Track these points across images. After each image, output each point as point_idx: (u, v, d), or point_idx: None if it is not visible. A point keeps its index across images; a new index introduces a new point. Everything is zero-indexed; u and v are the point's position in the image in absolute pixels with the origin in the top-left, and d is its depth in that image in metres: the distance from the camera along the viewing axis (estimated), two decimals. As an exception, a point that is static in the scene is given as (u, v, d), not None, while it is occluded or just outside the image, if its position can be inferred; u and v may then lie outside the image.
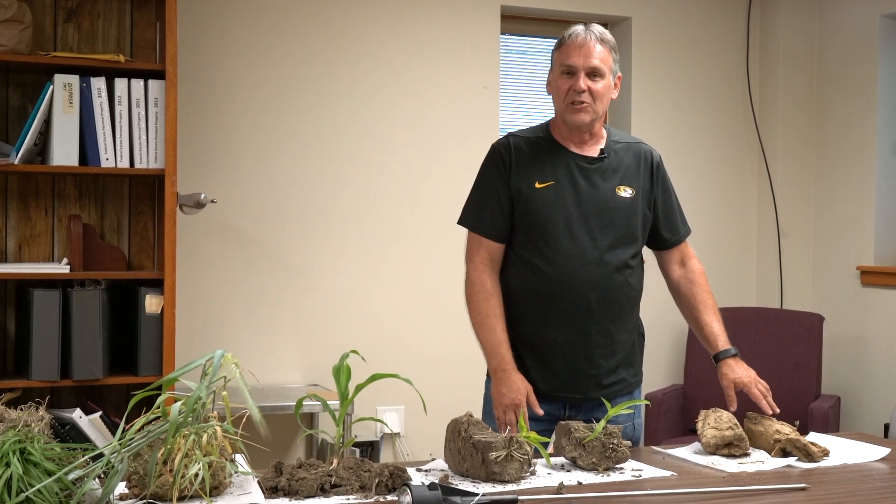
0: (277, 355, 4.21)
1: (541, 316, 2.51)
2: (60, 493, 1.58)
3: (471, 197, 2.61)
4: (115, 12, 3.73)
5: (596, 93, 2.52)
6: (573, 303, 2.48)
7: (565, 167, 2.53)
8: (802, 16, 4.93)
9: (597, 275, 2.49)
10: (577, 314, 2.48)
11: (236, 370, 1.76)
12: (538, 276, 2.50)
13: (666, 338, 4.91)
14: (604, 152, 2.57)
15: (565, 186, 2.51)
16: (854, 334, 4.74)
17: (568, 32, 2.58)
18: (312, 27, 4.23)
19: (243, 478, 1.82)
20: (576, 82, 2.50)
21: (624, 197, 2.54)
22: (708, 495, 1.90)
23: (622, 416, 2.53)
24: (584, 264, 2.48)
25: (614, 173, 2.56)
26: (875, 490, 1.98)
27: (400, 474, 1.86)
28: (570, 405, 2.54)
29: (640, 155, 2.63)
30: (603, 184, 2.53)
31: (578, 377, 2.51)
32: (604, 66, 2.53)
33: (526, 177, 2.52)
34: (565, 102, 2.52)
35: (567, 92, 2.51)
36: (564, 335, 2.50)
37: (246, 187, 4.13)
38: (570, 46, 2.54)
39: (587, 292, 2.48)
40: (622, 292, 2.54)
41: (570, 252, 2.48)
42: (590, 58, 2.51)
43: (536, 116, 4.88)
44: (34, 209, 3.66)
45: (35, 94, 3.55)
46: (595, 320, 2.50)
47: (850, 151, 4.78)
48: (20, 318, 3.57)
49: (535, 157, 2.55)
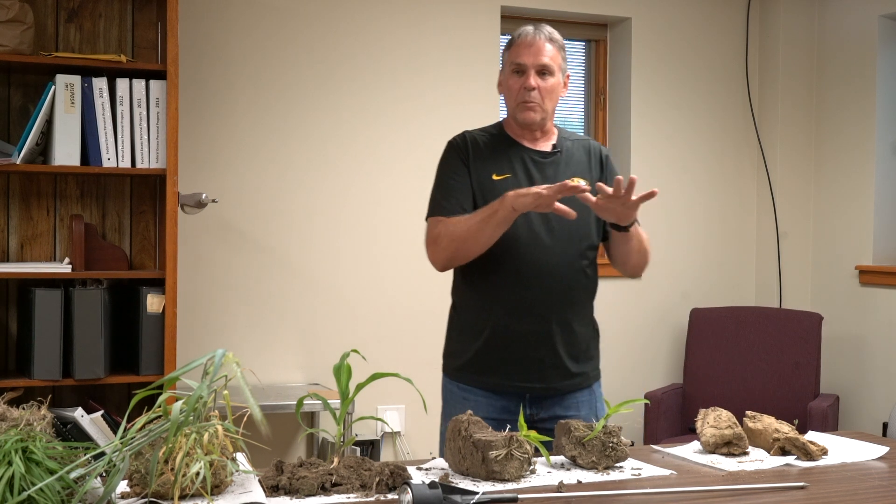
0: (278, 354, 4.21)
1: (502, 307, 2.54)
2: (62, 491, 1.59)
3: (435, 189, 2.63)
4: (116, 12, 3.74)
5: (545, 91, 2.57)
6: (533, 293, 2.52)
7: (520, 161, 2.59)
8: (802, 16, 4.93)
9: (555, 265, 2.53)
10: (537, 305, 2.52)
11: (237, 369, 1.76)
12: (498, 268, 2.53)
13: (666, 338, 4.91)
14: (556, 147, 2.63)
15: (521, 179, 2.56)
16: (853, 334, 4.75)
17: (517, 32, 2.62)
18: (313, 28, 4.24)
19: (244, 476, 1.83)
20: (526, 80, 2.56)
21: None
22: (707, 494, 1.90)
23: (583, 410, 2.58)
24: (541, 255, 2.52)
25: (567, 167, 2.61)
26: (874, 489, 1.99)
27: (400, 473, 1.87)
28: (531, 399, 2.56)
29: (590, 149, 2.69)
30: (557, 176, 2.57)
31: (539, 368, 2.54)
32: (553, 64, 2.57)
33: (483, 169, 2.57)
34: (516, 101, 2.58)
35: (518, 90, 2.57)
36: (526, 326, 2.53)
37: (247, 187, 4.14)
38: (520, 45, 2.59)
39: (546, 282, 2.52)
40: (580, 283, 2.58)
41: (528, 243, 2.52)
42: (539, 56, 2.56)
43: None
44: (36, 209, 3.66)
45: (37, 95, 3.56)
46: (555, 311, 2.54)
47: (850, 151, 4.78)
48: (22, 317, 3.58)
49: (491, 151, 2.60)
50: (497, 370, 2.55)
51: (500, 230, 2.45)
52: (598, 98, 4.94)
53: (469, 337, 2.60)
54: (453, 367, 2.64)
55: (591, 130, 4.96)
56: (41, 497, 1.55)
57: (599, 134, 4.95)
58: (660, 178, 4.88)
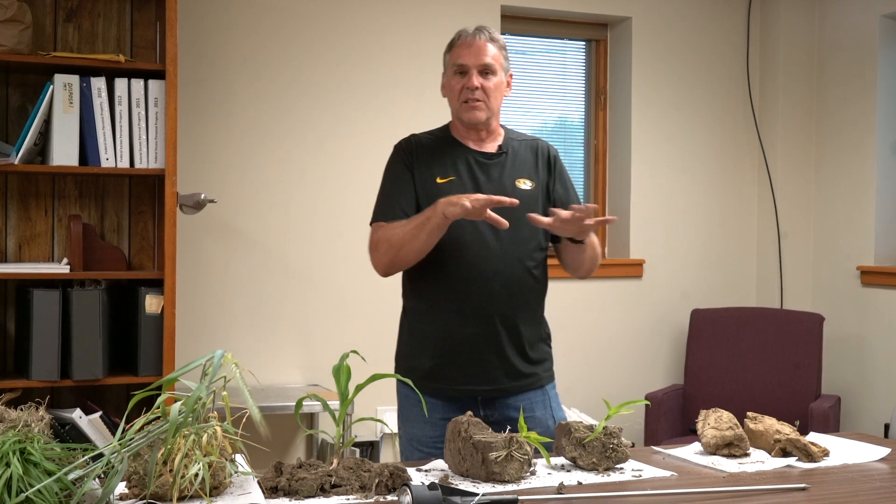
0: (277, 355, 4.21)
1: (447, 310, 2.54)
2: (60, 493, 1.58)
3: (380, 194, 2.64)
4: (115, 12, 3.73)
5: (489, 90, 2.57)
6: (477, 295, 2.51)
7: (465, 163, 2.59)
8: (802, 16, 4.93)
9: (500, 266, 2.53)
10: (481, 306, 2.52)
11: (236, 370, 1.76)
12: (444, 271, 2.53)
13: (666, 338, 4.91)
14: (502, 148, 2.63)
15: (466, 181, 2.56)
16: (854, 334, 4.74)
17: (458, 33, 2.63)
18: (313, 28, 4.23)
19: (243, 478, 1.82)
20: (469, 80, 2.57)
21: (524, 189, 2.59)
22: (708, 495, 1.90)
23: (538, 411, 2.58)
24: (487, 256, 2.52)
25: (513, 167, 2.61)
26: (875, 490, 1.98)
27: (400, 474, 1.86)
28: (483, 401, 2.56)
29: (538, 150, 2.68)
30: (502, 178, 2.58)
31: (488, 369, 2.54)
32: (495, 63, 2.58)
33: (427, 173, 2.58)
34: (460, 101, 2.59)
35: (461, 90, 2.58)
36: (471, 328, 2.53)
37: (246, 187, 4.13)
38: (461, 46, 2.60)
39: (491, 284, 2.52)
40: (526, 284, 2.57)
41: (473, 245, 2.52)
42: (481, 56, 2.57)
43: (536, 116, 4.88)
44: (34, 209, 3.66)
45: (35, 94, 3.55)
46: (500, 312, 2.53)
47: (850, 151, 4.78)
48: (20, 318, 3.57)
49: (436, 155, 2.61)
50: (447, 375, 2.55)
51: (434, 237, 2.45)
52: (599, 98, 4.94)
53: (418, 342, 2.60)
54: (405, 372, 2.59)
55: (592, 130, 4.96)
56: (39, 499, 1.54)
57: (600, 134, 4.94)
58: (660, 178, 4.88)
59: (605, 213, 4.92)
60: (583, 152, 4.96)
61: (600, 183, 4.94)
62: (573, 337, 4.70)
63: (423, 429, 2.56)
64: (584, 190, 4.94)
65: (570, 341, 4.70)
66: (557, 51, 4.90)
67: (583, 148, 4.96)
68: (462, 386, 2.55)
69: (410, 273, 2.61)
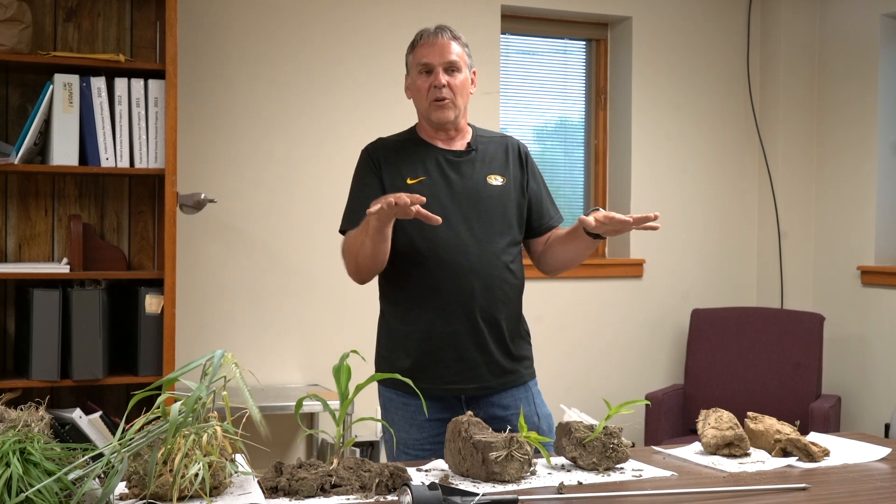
0: (277, 355, 4.20)
1: (427, 309, 2.53)
2: (60, 493, 1.58)
3: (348, 202, 2.63)
4: (114, 12, 3.73)
5: (455, 87, 2.58)
6: (457, 292, 2.51)
7: (435, 162, 2.59)
8: (803, 15, 4.93)
9: (477, 262, 2.52)
10: (461, 303, 2.51)
11: (236, 370, 1.76)
12: (421, 270, 2.52)
13: (666, 338, 4.91)
14: (471, 145, 2.63)
15: (437, 180, 2.56)
16: (855, 334, 4.74)
17: (419, 33, 2.64)
18: (312, 27, 4.23)
19: (243, 478, 1.82)
20: (435, 78, 2.57)
21: (495, 185, 2.60)
22: (708, 495, 1.90)
23: (522, 407, 2.56)
24: (463, 253, 2.52)
25: (483, 164, 2.61)
26: (876, 490, 1.98)
27: (400, 474, 1.86)
28: (467, 400, 2.55)
29: (508, 146, 2.68)
30: (473, 174, 2.59)
31: (471, 367, 2.53)
32: (460, 60, 2.60)
33: (397, 175, 2.58)
34: (427, 100, 2.60)
35: (428, 90, 2.59)
36: (452, 326, 2.52)
37: (246, 187, 4.13)
38: (425, 46, 2.61)
39: (469, 280, 2.51)
40: (503, 279, 2.57)
41: (449, 242, 2.51)
42: (445, 54, 2.58)
43: (537, 116, 4.88)
44: (34, 209, 3.66)
45: (35, 94, 3.55)
46: (480, 308, 2.52)
47: (851, 151, 4.78)
48: (20, 317, 3.57)
49: (405, 156, 2.61)
50: (430, 375, 2.52)
51: (378, 241, 2.42)
52: (599, 98, 4.93)
53: (398, 342, 2.58)
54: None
55: (592, 130, 4.96)
56: (39, 498, 1.54)
57: (600, 134, 4.94)
58: (660, 178, 4.88)
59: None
60: (583, 152, 4.96)
61: (600, 183, 4.94)
62: (573, 337, 4.70)
63: (409, 431, 2.55)
64: (584, 190, 4.94)
65: (570, 341, 4.70)
66: (558, 51, 4.90)
67: (583, 148, 4.96)
68: (446, 385, 2.53)
69: (387, 274, 2.59)
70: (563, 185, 4.94)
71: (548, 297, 4.63)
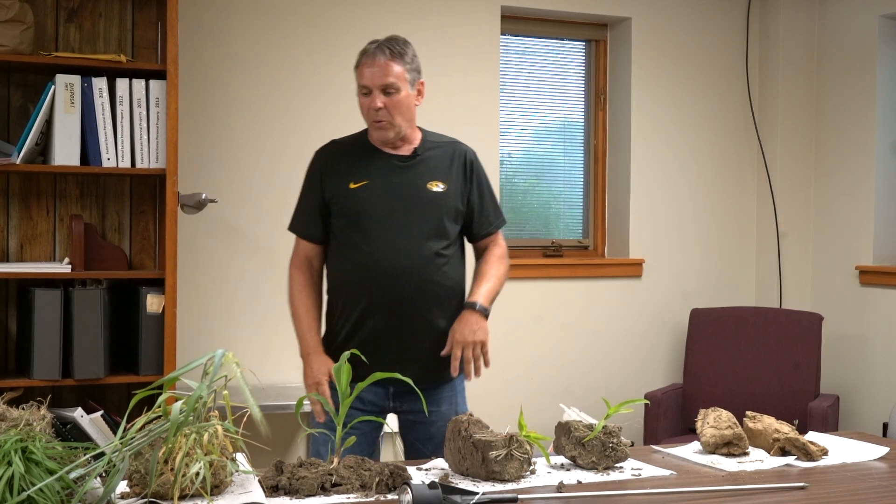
0: (278, 354, 4.20)
1: (364, 307, 2.65)
2: (62, 491, 1.59)
3: (297, 203, 2.81)
4: (116, 12, 3.74)
5: (392, 108, 2.66)
6: (392, 293, 2.62)
7: (378, 167, 2.70)
8: (802, 16, 4.93)
9: (412, 265, 2.63)
10: (396, 303, 2.63)
11: (237, 369, 1.76)
12: (359, 270, 2.65)
13: (665, 338, 4.91)
14: (416, 151, 2.73)
15: (378, 185, 2.68)
16: (853, 334, 4.75)
17: (362, 51, 2.71)
18: (312, 27, 4.24)
19: (244, 476, 1.83)
20: (372, 101, 2.65)
21: (435, 191, 2.69)
22: (707, 494, 1.90)
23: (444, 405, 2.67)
24: (399, 256, 2.63)
25: (426, 170, 2.71)
26: (874, 489, 1.99)
27: (400, 473, 1.87)
28: (395, 394, 2.66)
29: (454, 153, 2.77)
30: (415, 180, 2.69)
31: (403, 360, 2.59)
32: (397, 81, 2.66)
33: (341, 179, 2.71)
34: (368, 120, 2.71)
35: (367, 110, 2.68)
36: (387, 323, 2.64)
37: (247, 187, 4.14)
38: (363, 67, 2.69)
39: (404, 282, 2.63)
40: (438, 282, 2.67)
41: (385, 245, 2.63)
42: (382, 77, 2.65)
43: (536, 116, 4.89)
44: (36, 209, 3.66)
45: (37, 94, 3.56)
46: (414, 308, 2.64)
47: (850, 151, 4.78)
48: (22, 317, 3.58)
49: (352, 160, 2.73)
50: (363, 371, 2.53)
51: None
52: (598, 98, 4.94)
53: (333, 333, 2.73)
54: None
55: (591, 130, 4.96)
56: (41, 497, 1.55)
57: (600, 134, 4.95)
58: (660, 178, 4.89)
59: (604, 212, 4.93)
60: (583, 152, 4.96)
61: (600, 183, 4.94)
62: (573, 337, 4.70)
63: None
64: (583, 190, 4.95)
65: (570, 341, 4.71)
66: (557, 51, 4.90)
67: (582, 148, 4.96)
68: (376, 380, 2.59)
69: (328, 272, 2.76)
70: (563, 186, 4.95)
71: (547, 297, 4.64)
